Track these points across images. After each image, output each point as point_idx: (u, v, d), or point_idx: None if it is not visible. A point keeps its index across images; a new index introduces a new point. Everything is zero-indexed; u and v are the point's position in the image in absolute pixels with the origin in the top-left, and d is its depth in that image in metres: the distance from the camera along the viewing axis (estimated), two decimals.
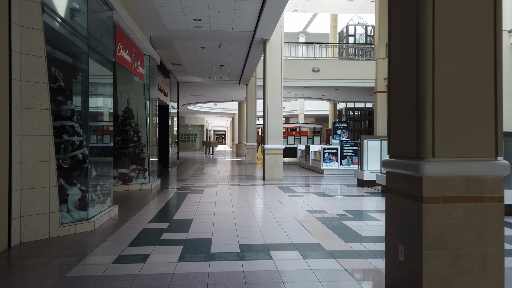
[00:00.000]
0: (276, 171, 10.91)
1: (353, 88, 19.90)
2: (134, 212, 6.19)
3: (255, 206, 6.79)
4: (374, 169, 9.44)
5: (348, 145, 12.83)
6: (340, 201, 7.38)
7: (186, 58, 13.62)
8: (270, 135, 10.91)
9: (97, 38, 5.86)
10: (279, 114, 10.93)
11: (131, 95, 9.86)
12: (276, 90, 10.89)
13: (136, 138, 9.29)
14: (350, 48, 22.36)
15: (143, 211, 6.29)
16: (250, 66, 14.49)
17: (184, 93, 21.70)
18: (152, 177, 9.57)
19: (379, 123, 18.14)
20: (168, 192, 8.46)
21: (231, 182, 10.43)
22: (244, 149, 24.85)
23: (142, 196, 7.95)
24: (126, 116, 9.31)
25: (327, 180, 11.29)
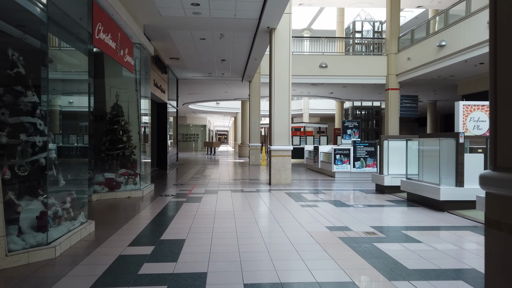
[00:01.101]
0: (283, 175, 9.71)
1: (362, 85, 18.68)
2: (114, 229, 5.00)
3: (262, 220, 5.60)
4: (397, 173, 8.23)
5: (361, 146, 11.62)
6: (362, 212, 6.17)
7: (185, 52, 12.44)
8: (277, 134, 9.71)
9: (68, 14, 4.67)
10: (287, 111, 9.73)
11: (121, 90, 8.69)
12: (284, 84, 9.69)
13: (125, 138, 8.11)
14: (357, 45, 21.08)
15: (126, 227, 5.11)
16: (254, 61, 13.30)
17: (184, 91, 20.54)
18: (144, 182, 8.39)
19: (391, 122, 16.92)
20: (161, 201, 7.28)
21: (233, 188, 9.24)
22: (247, 149, 23.66)
23: (130, 206, 6.77)
24: (115, 114, 8.14)
25: (339, 184, 10.08)
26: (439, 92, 20.48)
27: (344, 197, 7.81)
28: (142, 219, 5.65)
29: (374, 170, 11.53)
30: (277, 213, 6.10)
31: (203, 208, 6.47)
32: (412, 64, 15.70)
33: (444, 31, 13.65)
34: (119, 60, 6.55)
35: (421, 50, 15.04)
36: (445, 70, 14.46)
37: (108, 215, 5.98)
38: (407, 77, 16.31)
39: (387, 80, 17.23)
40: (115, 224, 5.27)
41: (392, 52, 17.07)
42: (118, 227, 5.12)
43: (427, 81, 16.90)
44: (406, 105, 17.40)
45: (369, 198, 7.68)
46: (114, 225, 5.24)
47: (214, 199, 7.48)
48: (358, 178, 11.52)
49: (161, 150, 14.31)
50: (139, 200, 7.39)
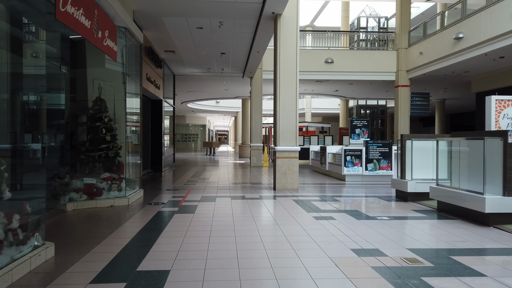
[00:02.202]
0: (290, 179, 8.56)
1: (369, 82, 17.54)
2: (80, 252, 3.86)
3: (269, 240, 4.44)
4: (423, 178, 7.09)
5: (374, 146, 10.47)
6: (390, 227, 5.02)
7: (181, 43, 11.30)
8: (283, 134, 8.56)
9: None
10: (294, 107, 8.58)
11: (105, 82, 7.55)
12: (290, 76, 8.54)
13: (109, 137, 6.96)
14: (361, 42, 19.87)
15: (97, 250, 3.96)
16: (256, 54, 12.15)
17: (182, 88, 19.39)
18: (130, 188, 7.25)
19: (401, 121, 15.79)
20: (148, 211, 6.13)
21: (233, 193, 8.09)
22: (248, 150, 22.52)
23: (110, 217, 5.62)
24: (97, 109, 6.99)
25: (352, 190, 8.93)
26: (450, 90, 19.34)
27: (362, 206, 6.65)
28: (120, 237, 4.50)
29: (388, 173, 10.40)
30: (287, 228, 4.95)
31: (197, 222, 5.32)
32: (425, 59, 14.56)
33: (461, 22, 12.50)
34: (97, 43, 5.40)
35: (435, 44, 13.89)
36: (461, 65, 13.31)
37: (79, 231, 4.83)
38: (418, 73, 15.17)
39: (396, 77, 16.09)
40: (84, 245, 4.11)
41: (403, 46, 15.92)
42: (87, 249, 3.96)
43: (439, 77, 15.76)
44: (417, 103, 16.25)
45: (391, 208, 6.53)
46: (83, 246, 4.09)
47: (211, 208, 6.33)
48: (371, 182, 10.37)
49: (155, 150, 13.17)
50: (123, 209, 6.24)
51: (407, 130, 15.87)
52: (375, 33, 18.15)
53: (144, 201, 7.05)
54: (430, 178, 7.09)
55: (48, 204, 5.91)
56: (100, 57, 7.11)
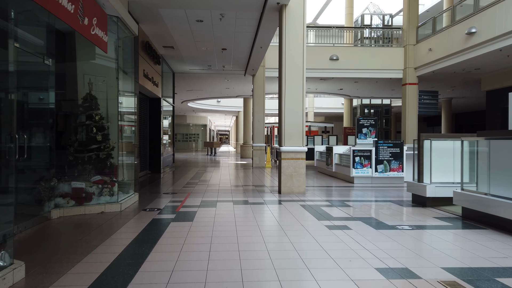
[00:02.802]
0: (296, 182, 7.94)
1: (375, 80, 16.91)
2: (54, 275, 3.24)
3: (279, 256, 3.81)
4: (443, 181, 6.46)
5: (385, 147, 9.85)
6: (415, 239, 4.40)
7: (180, 38, 10.68)
8: (288, 133, 7.94)
9: None
10: (300, 104, 7.96)
11: (97, 77, 6.95)
12: (297, 72, 7.92)
13: (100, 137, 6.34)
14: (365, 39, 19.16)
15: (74, 271, 3.34)
16: (259, 49, 11.53)
17: (182, 86, 18.78)
18: (123, 192, 6.63)
19: (409, 120, 15.16)
20: (142, 218, 5.51)
21: (235, 197, 7.47)
22: (250, 150, 21.91)
23: (97, 227, 5.00)
24: (87, 106, 6.38)
25: (363, 193, 8.31)
26: (457, 88, 18.69)
27: (378, 213, 6.02)
28: (107, 251, 3.88)
29: (399, 175, 9.77)
30: (297, 240, 4.32)
31: (195, 232, 4.70)
32: (434, 56, 13.92)
33: (474, 17, 11.87)
34: (82, 31, 4.78)
35: (445, 40, 13.26)
36: (472, 61, 12.67)
37: (61, 243, 4.21)
38: (427, 70, 14.53)
39: (404, 74, 15.46)
40: (63, 263, 3.50)
41: (410, 43, 15.29)
42: (66, 268, 3.35)
43: (448, 75, 15.12)
44: (425, 101, 15.63)
45: (410, 214, 5.90)
46: (62, 264, 3.47)
47: (212, 215, 5.71)
48: (382, 184, 9.74)
49: (154, 151, 12.55)
50: (115, 216, 5.63)
51: (415, 129, 15.24)
52: (382, 29, 17.48)
53: (139, 207, 6.43)
54: (450, 182, 6.47)
55: (31, 211, 5.30)
56: (91, 50, 6.51)
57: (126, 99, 7.80)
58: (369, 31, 18.27)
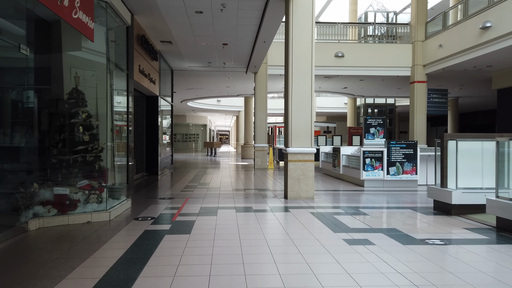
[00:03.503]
0: (304, 186, 7.23)
1: (382, 78, 16.22)
2: None
3: (294, 284, 3.11)
4: (471, 186, 5.76)
5: (397, 147, 9.14)
6: (457, 260, 3.70)
7: (178, 32, 9.97)
8: (296, 133, 7.23)
9: None
10: (309, 102, 7.26)
11: (85, 71, 6.25)
12: (305, 66, 7.21)
13: (87, 137, 5.64)
14: (369, 37, 18.43)
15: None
16: (262, 44, 10.82)
17: (181, 85, 18.07)
18: (115, 198, 5.93)
19: (417, 119, 14.48)
20: (132, 230, 4.80)
21: (238, 203, 6.77)
22: (251, 150, 21.22)
23: (80, 242, 4.29)
24: (73, 103, 5.67)
25: (375, 197, 7.60)
26: (466, 87, 17.99)
27: (399, 223, 5.32)
28: (85, 276, 3.17)
29: (412, 178, 9.07)
30: (314, 260, 3.62)
31: (193, 248, 3.99)
32: (444, 52, 13.23)
33: (489, 10, 11.17)
34: (62, 13, 4.07)
35: (457, 35, 12.56)
36: (485, 58, 11.98)
37: (30, 265, 3.50)
38: (436, 67, 13.84)
39: (412, 72, 14.76)
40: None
41: (419, 39, 14.59)
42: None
43: (458, 73, 14.42)
44: (434, 100, 14.93)
45: (437, 225, 5.20)
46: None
47: (212, 226, 5.00)
48: (394, 188, 9.04)
49: (151, 151, 11.85)
50: (102, 227, 4.92)
51: (424, 129, 14.55)
52: (389, 25, 16.77)
53: (131, 215, 5.73)
54: (478, 187, 5.77)
55: (5, 221, 4.60)
56: (77, 39, 5.80)
57: (118, 95, 7.10)
58: (373, 28, 17.55)
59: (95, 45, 5.92)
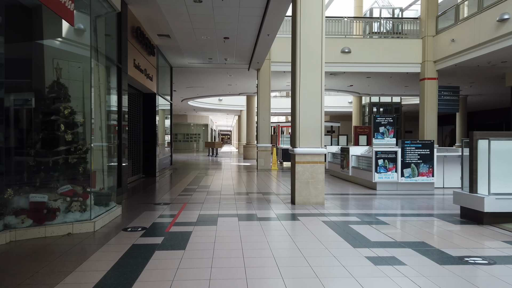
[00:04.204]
0: (313, 190, 6.52)
1: (390, 75, 15.49)
2: None
3: None
4: (506, 192, 5.03)
5: (412, 148, 8.43)
6: (507, 286, 2.98)
7: (177, 24, 9.27)
8: (304, 132, 6.52)
9: None
10: (319, 98, 6.54)
11: (70, 62, 5.56)
12: (314, 57, 6.50)
13: (70, 136, 4.94)
14: (374, 34, 17.61)
15: None
16: (266, 38, 10.11)
17: (181, 83, 17.39)
18: (102, 205, 5.23)
19: (428, 118, 13.74)
20: (118, 244, 4.10)
21: (241, 209, 6.06)
22: (254, 151, 20.52)
23: (55, 259, 3.58)
24: (53, 97, 4.98)
25: (391, 202, 6.89)
26: (476, 84, 17.24)
27: (426, 234, 4.59)
28: None
29: (428, 180, 8.36)
30: (335, 286, 2.91)
31: (187, 271, 3.29)
32: (457, 47, 12.49)
33: (507, 1, 10.42)
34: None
35: (471, 29, 11.82)
36: (501, 53, 11.24)
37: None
38: (448, 63, 13.10)
39: (422, 68, 14.03)
40: None
41: (429, 34, 13.86)
42: None
43: (470, 69, 13.69)
44: (445, 98, 14.19)
45: (470, 237, 4.47)
46: None
47: (211, 239, 4.30)
48: (409, 191, 8.32)
49: (148, 152, 11.15)
50: (84, 241, 4.22)
51: (434, 128, 13.82)
52: (397, 20, 16.01)
53: (120, 224, 5.03)
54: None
55: None
56: (57, 24, 5.11)
57: (109, 91, 6.41)
58: (379, 25, 16.77)
59: (81, 34, 5.24)
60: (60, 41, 5.42)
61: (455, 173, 8.88)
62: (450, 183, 8.88)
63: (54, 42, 5.39)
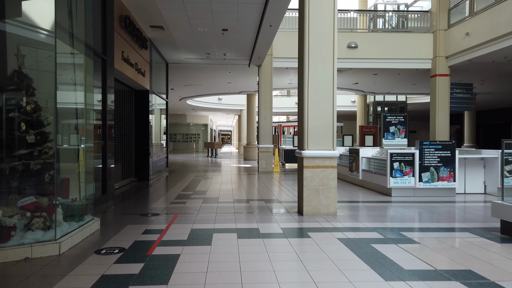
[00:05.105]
0: (324, 199, 5.61)
1: (398, 72, 14.60)
2: None
3: None
4: None
5: (432, 149, 7.52)
6: None
7: (170, 14, 8.37)
8: (313, 132, 5.61)
9: None
10: (331, 91, 5.64)
11: (38, 50, 4.67)
12: (325, 44, 5.59)
13: (33, 137, 4.04)
14: (379, 30, 16.63)
15: None
16: (268, 29, 9.21)
17: (178, 81, 16.48)
18: (73, 221, 4.33)
19: (439, 116, 12.84)
20: (82, 276, 3.19)
21: (240, 222, 5.16)
22: (254, 151, 19.61)
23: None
24: (13, 90, 4.08)
25: (413, 213, 5.98)
26: (488, 82, 16.33)
27: (471, 259, 3.68)
28: None
29: (449, 186, 7.45)
30: None
31: None
32: (472, 41, 11.59)
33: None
34: None
35: (487, 21, 10.91)
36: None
37: None
38: (462, 59, 12.20)
39: (433, 64, 13.13)
40: None
41: (441, 28, 12.95)
42: None
43: (484, 65, 12.78)
44: (458, 95, 13.26)
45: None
46: None
47: (203, 265, 3.39)
48: (428, 198, 7.42)
49: (141, 154, 10.24)
50: (42, 269, 3.32)
51: (447, 127, 12.91)
52: (406, 13, 15.08)
53: (94, 243, 4.13)
54: None
55: None
56: (26, 9, 4.22)
57: (90, 85, 5.51)
58: (384, 21, 15.82)
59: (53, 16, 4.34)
60: (24, 24, 4.52)
61: (477, 178, 7.99)
62: (472, 188, 7.99)
63: (17, 25, 4.49)
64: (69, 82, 5.08)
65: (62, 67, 4.93)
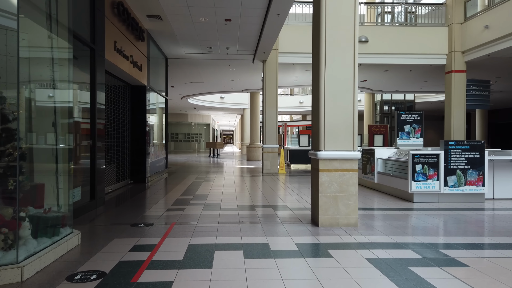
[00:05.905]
0: (343, 208, 4.81)
1: (410, 69, 13.78)
2: None
3: None
4: None
5: (458, 150, 6.71)
6: None
7: (168, 2, 7.59)
8: (330, 130, 4.81)
9: None
10: (351, 82, 4.83)
11: (8, 32, 3.90)
12: (345, 26, 4.80)
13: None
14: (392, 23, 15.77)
15: None
16: (275, 18, 8.41)
17: (179, 78, 15.71)
18: (45, 237, 3.55)
19: (455, 115, 12.04)
20: None
21: (246, 235, 4.37)
22: (258, 151, 18.82)
23: None
24: None
25: (444, 223, 5.17)
26: (502, 79, 15.47)
27: None
28: None
29: (478, 191, 6.65)
30: None
31: None
32: (492, 35, 10.77)
33: None
34: None
35: (509, 12, 10.10)
36: None
37: None
38: (480, 53, 11.38)
39: (448, 60, 12.31)
40: None
41: (457, 21, 12.13)
42: None
43: (502, 61, 11.95)
44: (475, 93, 12.44)
45: None
46: None
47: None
48: (454, 204, 6.61)
49: (138, 154, 9.46)
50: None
51: (463, 126, 12.11)
52: (418, 5, 14.24)
53: (69, 265, 3.35)
54: None
55: None
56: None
57: (71, 74, 4.73)
58: (391, 17, 14.99)
59: None
60: None
61: (507, 181, 7.17)
62: (502, 193, 7.17)
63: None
64: (46, 71, 4.30)
65: (36, 53, 4.18)
